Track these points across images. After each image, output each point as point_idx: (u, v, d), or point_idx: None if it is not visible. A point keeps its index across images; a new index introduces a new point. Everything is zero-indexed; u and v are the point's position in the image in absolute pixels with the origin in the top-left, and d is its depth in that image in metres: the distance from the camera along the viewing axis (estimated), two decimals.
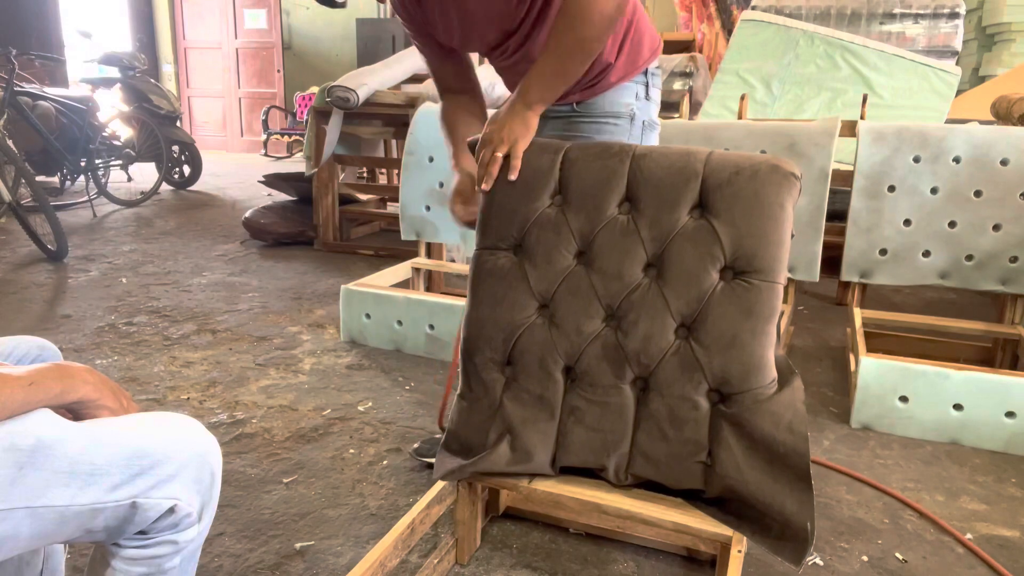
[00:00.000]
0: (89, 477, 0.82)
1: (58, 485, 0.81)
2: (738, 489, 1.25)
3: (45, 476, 0.80)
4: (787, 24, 4.41)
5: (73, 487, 0.82)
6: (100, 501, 0.83)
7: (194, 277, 3.62)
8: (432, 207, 2.88)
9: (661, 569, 1.52)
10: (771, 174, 1.29)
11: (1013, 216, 2.34)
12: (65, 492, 0.81)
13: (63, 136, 5.22)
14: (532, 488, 1.35)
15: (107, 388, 0.91)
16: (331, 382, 2.42)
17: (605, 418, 1.34)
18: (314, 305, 3.21)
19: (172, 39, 9.44)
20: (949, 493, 1.84)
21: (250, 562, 1.51)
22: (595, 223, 1.37)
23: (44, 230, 3.84)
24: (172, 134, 5.95)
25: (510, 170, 1.39)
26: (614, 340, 1.35)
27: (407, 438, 2.05)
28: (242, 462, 1.90)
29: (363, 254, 4.17)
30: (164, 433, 0.90)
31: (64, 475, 0.81)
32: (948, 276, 2.44)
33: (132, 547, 0.88)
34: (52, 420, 0.84)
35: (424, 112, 2.96)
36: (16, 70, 4.63)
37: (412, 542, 1.34)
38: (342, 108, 3.86)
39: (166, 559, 0.90)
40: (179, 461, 0.88)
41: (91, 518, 0.84)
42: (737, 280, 1.29)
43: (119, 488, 0.84)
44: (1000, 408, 2.02)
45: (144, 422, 0.91)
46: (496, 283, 1.42)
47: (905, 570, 1.54)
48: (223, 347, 2.70)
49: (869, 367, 2.13)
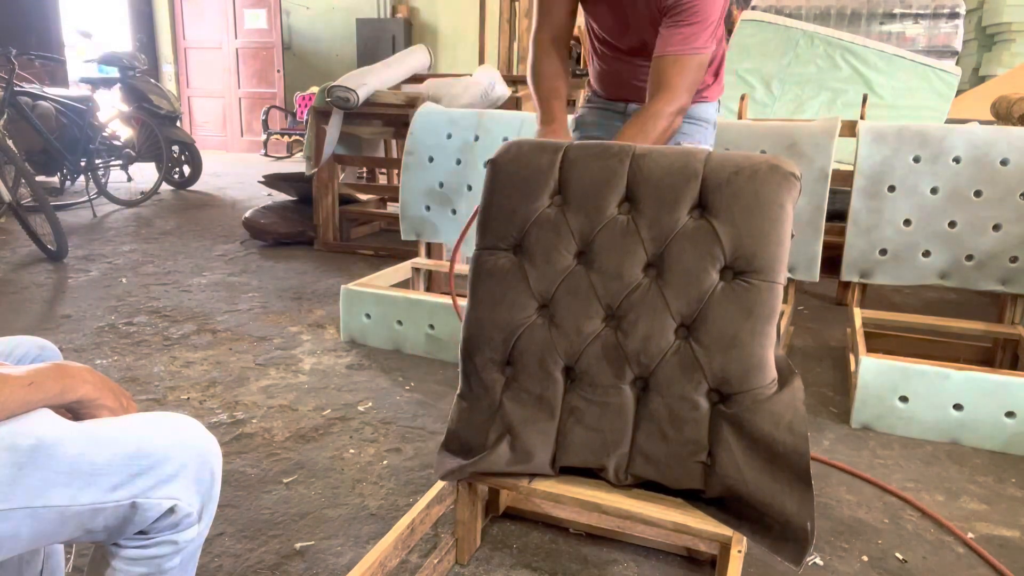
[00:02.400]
0: (89, 477, 0.82)
1: (58, 485, 0.81)
2: (738, 489, 1.25)
3: (45, 476, 0.80)
4: (787, 24, 4.41)
5: (73, 487, 0.81)
6: (100, 501, 0.83)
7: (194, 277, 3.62)
8: (432, 207, 2.88)
9: (661, 569, 1.52)
10: (771, 174, 1.29)
11: (1013, 216, 2.34)
12: (65, 492, 0.81)
13: (63, 136, 5.22)
14: (532, 488, 1.35)
15: (107, 388, 0.91)
16: (331, 382, 2.42)
17: (605, 418, 1.34)
18: (314, 305, 3.21)
19: (172, 39, 9.44)
20: (949, 493, 1.84)
21: (250, 562, 1.51)
22: (595, 223, 1.37)
23: (44, 230, 3.84)
24: (172, 134, 5.95)
25: None
26: (614, 340, 1.35)
27: (407, 438, 2.05)
28: (242, 462, 1.90)
29: (363, 254, 4.17)
30: (164, 433, 0.90)
31: (64, 475, 0.81)
32: (948, 276, 2.44)
33: (132, 547, 0.88)
34: (52, 420, 0.84)
35: (424, 112, 2.96)
36: (16, 70, 4.62)
37: (412, 542, 1.34)
38: (342, 108, 3.86)
39: (166, 559, 0.89)
40: (179, 461, 0.88)
41: (91, 518, 0.84)
42: (737, 280, 1.29)
43: (119, 488, 0.84)
44: (1000, 408, 2.02)
45: (144, 422, 0.91)
46: (496, 283, 1.42)
47: (905, 570, 1.54)
48: (223, 347, 2.70)
49: (869, 367, 2.13)
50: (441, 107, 3.08)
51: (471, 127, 2.82)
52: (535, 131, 1.81)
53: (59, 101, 5.24)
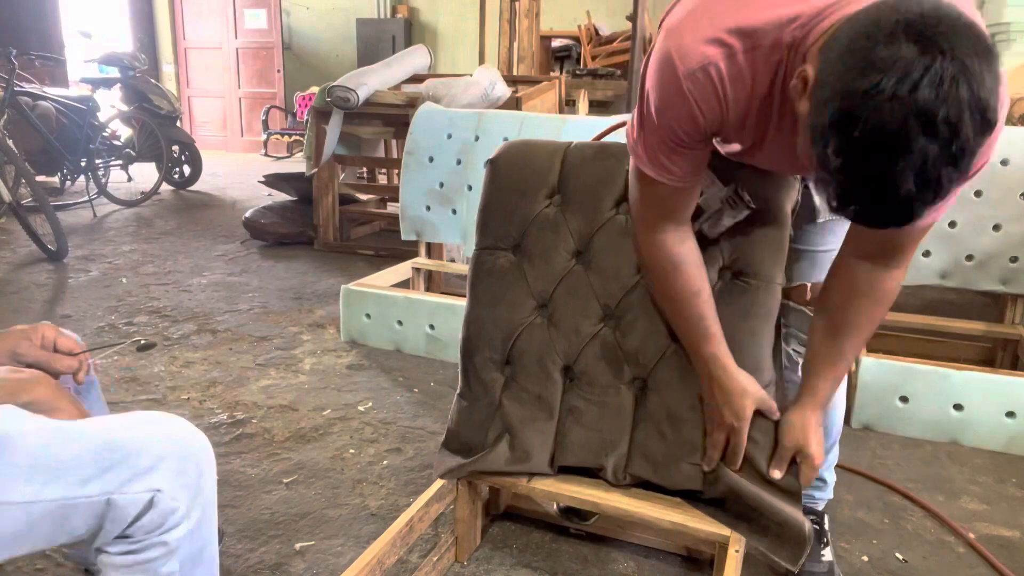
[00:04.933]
0: (54, 472, 0.79)
1: (19, 480, 0.77)
2: (736, 489, 1.24)
3: (3, 471, 0.77)
4: None
5: (36, 483, 0.78)
6: (68, 496, 0.79)
7: (194, 277, 3.62)
8: (432, 207, 2.88)
9: (661, 569, 1.52)
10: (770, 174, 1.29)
11: (1013, 216, 2.34)
12: (27, 488, 0.77)
13: (63, 136, 5.22)
14: (531, 487, 1.35)
15: (66, 397, 0.88)
16: (331, 382, 2.42)
17: (603, 418, 1.34)
18: (314, 305, 3.21)
19: (172, 39, 9.44)
20: (949, 493, 1.84)
21: (250, 562, 1.51)
22: (594, 223, 1.37)
23: (44, 230, 3.84)
24: (172, 134, 5.94)
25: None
26: (612, 340, 1.35)
27: (407, 438, 2.05)
28: (242, 462, 1.90)
29: (363, 254, 4.17)
30: (137, 427, 0.87)
31: (25, 469, 0.78)
32: (948, 276, 2.44)
33: (119, 553, 0.85)
34: (13, 414, 0.81)
35: (424, 112, 2.96)
36: (16, 70, 4.62)
37: (411, 540, 1.34)
38: (342, 108, 3.85)
39: (160, 562, 0.86)
40: (155, 454, 0.84)
41: (63, 516, 0.80)
42: (735, 281, 1.29)
43: (89, 483, 0.80)
44: (1000, 408, 2.02)
45: (116, 419, 0.88)
46: (495, 283, 1.42)
47: (905, 570, 1.54)
48: (223, 347, 2.70)
49: (869, 367, 2.13)
50: (441, 107, 3.08)
51: (471, 127, 2.82)
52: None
53: (59, 101, 5.24)
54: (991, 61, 0.78)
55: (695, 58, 0.97)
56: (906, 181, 0.79)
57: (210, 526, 0.93)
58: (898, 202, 0.81)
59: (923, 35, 0.76)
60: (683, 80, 0.99)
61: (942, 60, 0.75)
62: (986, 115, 0.77)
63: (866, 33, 0.79)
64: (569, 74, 6.12)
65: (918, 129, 0.76)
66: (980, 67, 0.76)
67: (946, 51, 0.75)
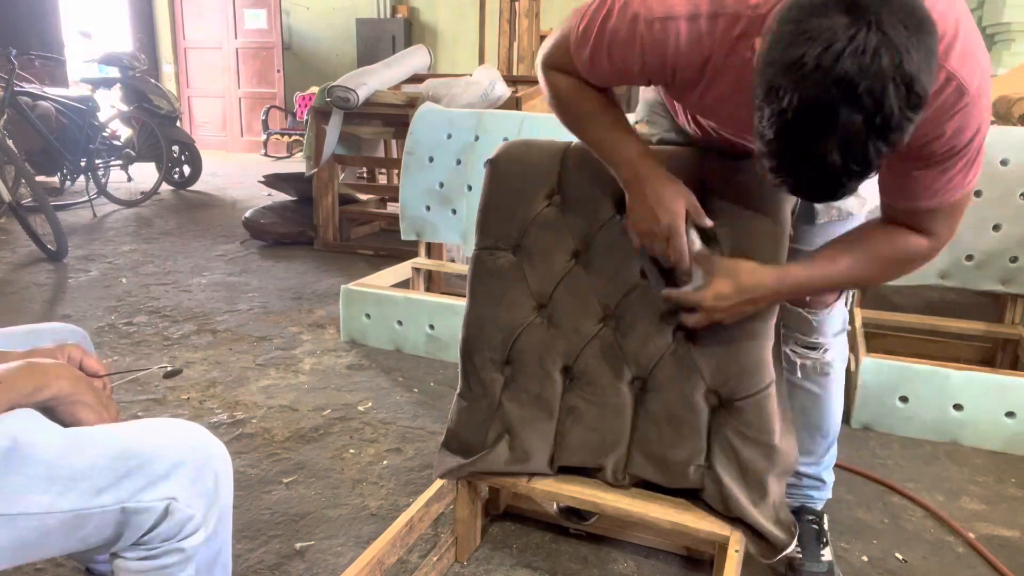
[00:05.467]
0: (69, 482, 0.77)
1: (36, 491, 0.76)
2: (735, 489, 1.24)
3: (20, 481, 0.75)
4: None
5: (52, 493, 0.76)
6: (83, 507, 0.78)
7: (194, 277, 3.62)
8: (432, 207, 2.88)
9: (661, 569, 1.52)
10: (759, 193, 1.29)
11: (1013, 216, 2.33)
12: (43, 499, 0.76)
13: (63, 136, 5.22)
14: (531, 487, 1.35)
15: (84, 383, 0.86)
16: (331, 382, 2.42)
17: (603, 418, 1.34)
18: (314, 305, 3.21)
19: (172, 39, 9.43)
20: (949, 493, 1.84)
21: (250, 562, 1.51)
22: (593, 223, 1.37)
23: (44, 230, 3.84)
24: (172, 134, 5.94)
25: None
26: (612, 340, 1.35)
27: (407, 438, 2.05)
28: (242, 462, 1.90)
29: (363, 254, 4.17)
30: (153, 434, 0.85)
31: (42, 480, 0.76)
32: (948, 276, 2.44)
33: (135, 559, 0.84)
34: (30, 420, 0.79)
35: (424, 112, 2.96)
36: (16, 70, 4.62)
37: (411, 540, 1.34)
38: (342, 108, 3.85)
39: (176, 568, 0.85)
40: (171, 460, 0.83)
41: (77, 526, 0.78)
42: None
43: (104, 492, 0.79)
44: (1000, 408, 2.02)
45: (132, 425, 0.86)
46: (495, 283, 1.42)
47: (905, 570, 1.54)
48: (223, 347, 2.70)
49: (869, 367, 2.13)
50: (441, 107, 3.07)
51: (471, 127, 2.81)
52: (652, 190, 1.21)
53: (59, 101, 5.24)
54: (923, 35, 0.76)
55: (661, 7, 0.98)
56: (831, 153, 0.78)
57: (226, 532, 0.92)
58: (826, 175, 0.81)
59: (856, 5, 0.75)
60: (640, 23, 1.00)
61: (867, 31, 0.74)
62: (913, 88, 0.76)
63: (806, 4, 0.79)
64: None
65: (840, 100, 0.75)
66: (908, 40, 0.75)
67: (872, 22, 0.74)
